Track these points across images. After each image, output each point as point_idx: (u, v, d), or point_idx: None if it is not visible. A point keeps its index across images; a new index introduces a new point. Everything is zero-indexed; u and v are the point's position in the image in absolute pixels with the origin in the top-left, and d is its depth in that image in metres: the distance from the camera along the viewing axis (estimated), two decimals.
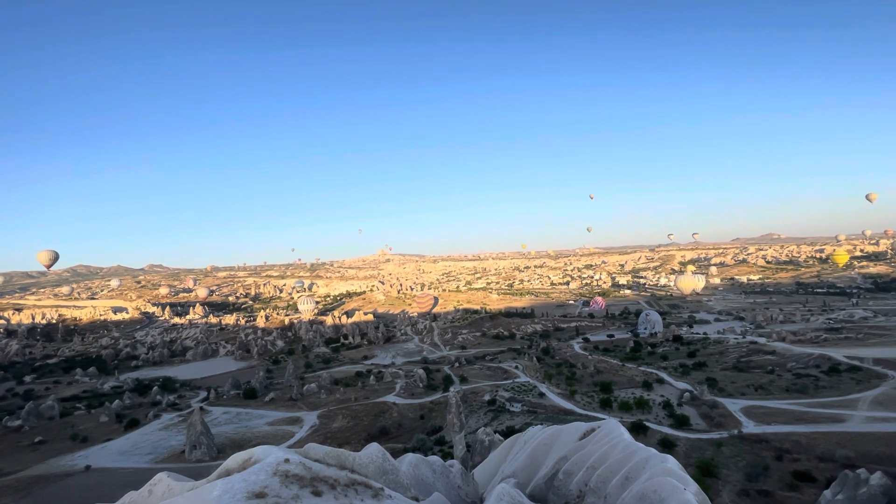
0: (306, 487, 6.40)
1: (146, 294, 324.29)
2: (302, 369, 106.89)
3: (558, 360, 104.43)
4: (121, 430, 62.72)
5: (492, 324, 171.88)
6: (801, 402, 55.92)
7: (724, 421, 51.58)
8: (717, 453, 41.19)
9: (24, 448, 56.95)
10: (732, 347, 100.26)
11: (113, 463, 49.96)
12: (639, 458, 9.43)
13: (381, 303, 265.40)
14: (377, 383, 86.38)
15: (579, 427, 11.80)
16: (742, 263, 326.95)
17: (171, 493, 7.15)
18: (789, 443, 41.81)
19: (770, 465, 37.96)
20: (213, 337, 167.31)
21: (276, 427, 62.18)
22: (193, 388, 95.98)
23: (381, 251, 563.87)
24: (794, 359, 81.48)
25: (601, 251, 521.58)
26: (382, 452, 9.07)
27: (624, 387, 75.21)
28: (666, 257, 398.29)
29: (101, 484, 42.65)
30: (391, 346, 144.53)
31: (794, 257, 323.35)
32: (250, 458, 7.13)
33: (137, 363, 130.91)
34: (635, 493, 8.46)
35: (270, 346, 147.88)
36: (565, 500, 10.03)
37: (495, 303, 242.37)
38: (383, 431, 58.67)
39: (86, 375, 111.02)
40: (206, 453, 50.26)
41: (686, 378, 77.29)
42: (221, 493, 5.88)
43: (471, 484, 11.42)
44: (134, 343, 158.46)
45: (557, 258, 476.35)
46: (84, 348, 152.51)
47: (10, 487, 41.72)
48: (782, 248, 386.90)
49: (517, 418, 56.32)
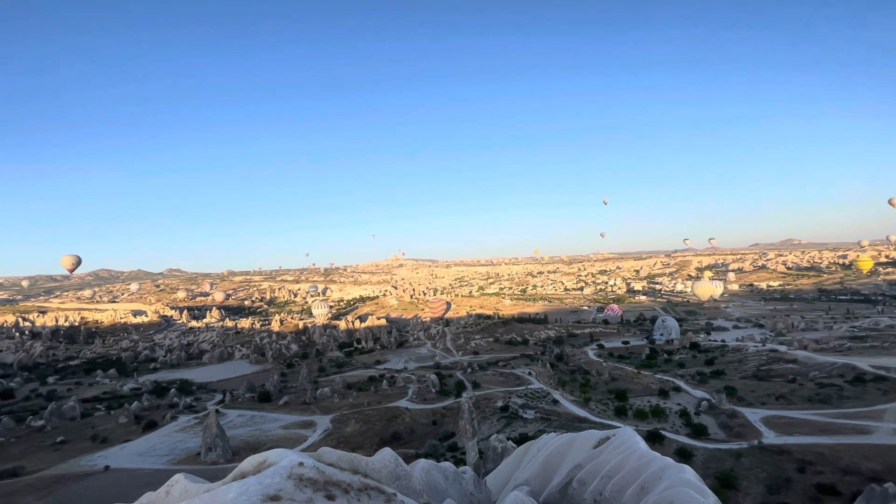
0: (320, 491, 6.46)
1: (165, 298, 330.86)
2: (315, 373, 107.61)
3: (572, 367, 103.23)
4: (139, 432, 63.80)
5: (505, 329, 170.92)
6: (824, 412, 54.24)
7: (744, 431, 50.26)
8: (737, 464, 40.11)
9: (47, 447, 58.32)
10: (752, 355, 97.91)
11: (131, 463, 50.82)
12: (655, 467, 9.28)
13: (393, 308, 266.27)
14: (390, 388, 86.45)
15: (594, 435, 11.65)
16: (761, 269, 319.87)
17: (187, 494, 7.27)
18: (812, 454, 40.53)
19: (792, 478, 36.83)
20: (228, 340, 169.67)
21: (290, 430, 62.59)
22: (209, 390, 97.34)
23: (394, 256, 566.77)
24: (816, 368, 79.19)
25: (616, 256, 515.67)
26: (395, 457, 9.10)
27: (639, 395, 73.95)
28: (682, 263, 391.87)
29: (119, 484, 43.42)
30: (404, 350, 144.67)
31: (815, 263, 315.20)
32: (265, 461, 7.22)
33: (156, 365, 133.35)
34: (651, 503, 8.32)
35: (285, 349, 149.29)
36: None
37: (508, 308, 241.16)
38: (395, 436, 58.61)
39: (106, 377, 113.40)
40: (221, 455, 50.82)
41: (703, 386, 75.66)
42: (237, 495, 5.98)
43: (483, 491, 11.35)
44: (152, 346, 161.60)
45: (571, 263, 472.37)
46: (105, 350, 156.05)
47: (33, 486, 42.71)
48: (803, 253, 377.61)
49: (530, 425, 55.76)
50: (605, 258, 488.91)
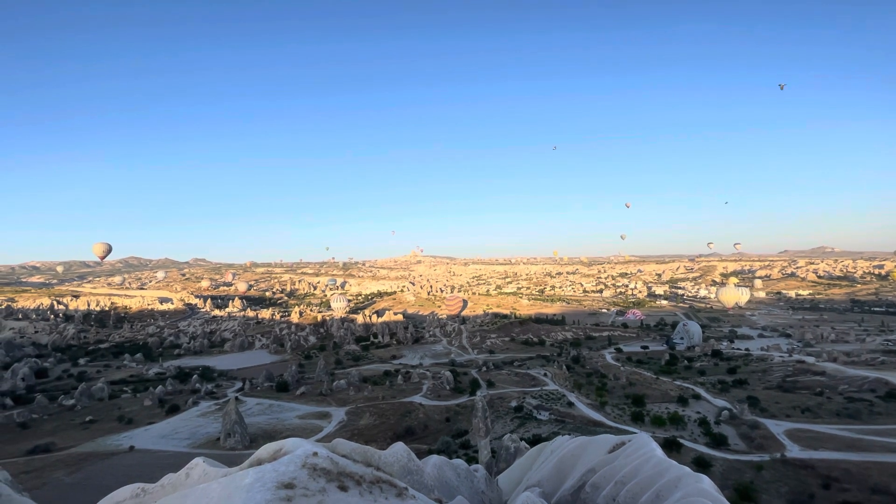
0: (333, 482, 6.56)
1: (189, 286, 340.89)
2: (332, 365, 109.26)
3: (589, 370, 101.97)
4: (162, 415, 66.03)
5: (521, 329, 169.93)
6: (852, 427, 52.14)
7: (766, 443, 48.75)
8: (757, 477, 38.96)
9: (77, 426, 60.97)
10: (777, 366, 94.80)
11: (154, 445, 52.66)
12: (671, 475, 9.10)
13: (410, 303, 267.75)
14: (404, 383, 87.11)
15: (609, 440, 11.50)
16: (790, 277, 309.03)
17: (206, 477, 7.49)
18: (838, 471, 39.04)
19: (816, 494, 35.59)
20: (249, 330, 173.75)
21: (306, 420, 63.77)
22: (230, 378, 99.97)
23: (412, 252, 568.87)
24: (846, 381, 76.17)
25: (637, 259, 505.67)
26: (408, 452, 9.17)
27: (657, 401, 72.52)
28: (706, 268, 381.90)
29: (143, 464, 45.06)
30: (419, 346, 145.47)
31: (849, 272, 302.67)
32: (281, 450, 7.38)
33: (180, 352, 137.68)
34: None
35: (303, 341, 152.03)
36: None
37: (525, 308, 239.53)
38: (409, 431, 59.04)
39: (133, 361, 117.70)
40: (239, 441, 52.16)
41: (725, 395, 73.69)
42: (253, 481, 6.13)
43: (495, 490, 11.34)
44: (177, 332, 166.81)
45: (591, 265, 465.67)
46: (132, 335, 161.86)
47: (64, 462, 44.75)
48: (836, 262, 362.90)
49: (544, 427, 55.37)
50: (627, 261, 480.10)
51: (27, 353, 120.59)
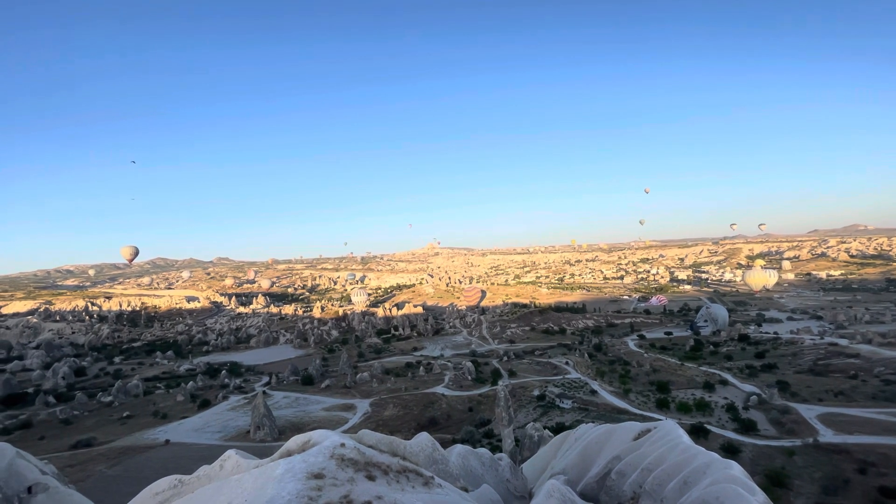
0: (361, 471, 6.72)
1: (214, 285, 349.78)
2: (355, 358, 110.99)
3: (611, 357, 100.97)
4: (195, 409, 68.36)
5: (541, 318, 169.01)
6: (890, 411, 50.40)
7: (798, 428, 47.58)
8: (789, 462, 38.12)
9: (115, 421, 63.73)
10: (808, 349, 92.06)
11: (188, 438, 54.65)
12: (699, 462, 8.99)
13: (429, 296, 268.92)
14: (426, 374, 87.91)
15: (634, 427, 11.40)
16: (821, 257, 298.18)
17: (239, 469, 7.77)
18: (875, 455, 37.85)
19: (851, 479, 34.63)
20: (273, 326, 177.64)
21: (332, 412, 65.13)
22: (257, 373, 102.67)
23: (429, 245, 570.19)
24: (882, 363, 73.47)
25: (658, 244, 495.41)
26: (432, 442, 9.29)
27: (682, 387, 71.45)
28: (731, 251, 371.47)
29: (178, 457, 46.86)
30: (440, 338, 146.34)
31: (883, 251, 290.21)
32: (309, 441, 7.57)
33: (208, 348, 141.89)
34: (695, 499, 8.08)
35: (326, 335, 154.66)
36: (618, 501, 9.75)
37: (545, 297, 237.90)
38: (432, 422, 59.71)
39: (164, 358, 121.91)
40: (268, 434, 53.68)
41: (753, 380, 72.07)
42: (284, 472, 6.33)
43: (520, 478, 11.40)
44: (205, 330, 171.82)
45: (611, 252, 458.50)
46: (163, 334, 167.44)
47: (104, 456, 46.90)
48: (869, 240, 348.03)
49: (567, 415, 55.21)
50: (647, 246, 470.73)
51: (66, 352, 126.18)
